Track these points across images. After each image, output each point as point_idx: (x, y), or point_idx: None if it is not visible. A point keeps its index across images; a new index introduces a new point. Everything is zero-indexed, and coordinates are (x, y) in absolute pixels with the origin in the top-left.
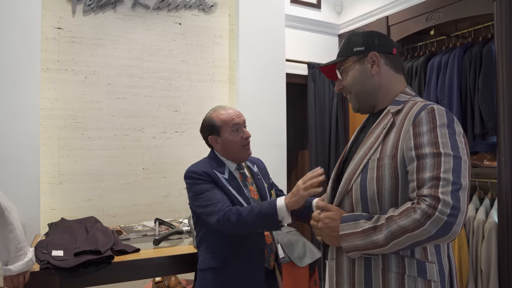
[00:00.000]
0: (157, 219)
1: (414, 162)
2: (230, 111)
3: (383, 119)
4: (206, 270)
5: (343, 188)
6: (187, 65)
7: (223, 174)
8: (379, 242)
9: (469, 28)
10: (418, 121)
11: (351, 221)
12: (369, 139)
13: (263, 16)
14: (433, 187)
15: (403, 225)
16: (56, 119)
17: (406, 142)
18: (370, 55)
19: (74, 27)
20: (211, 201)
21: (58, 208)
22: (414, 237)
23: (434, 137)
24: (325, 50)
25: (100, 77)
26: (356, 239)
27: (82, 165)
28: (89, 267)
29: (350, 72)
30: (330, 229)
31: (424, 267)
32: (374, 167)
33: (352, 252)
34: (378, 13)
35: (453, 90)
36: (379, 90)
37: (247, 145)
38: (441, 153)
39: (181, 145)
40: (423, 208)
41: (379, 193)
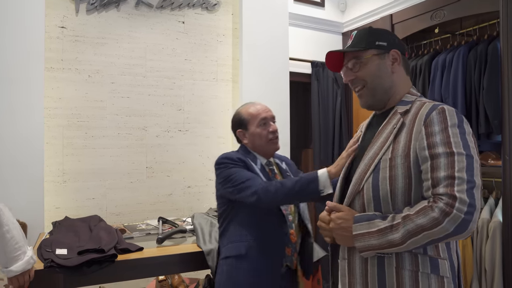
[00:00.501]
0: (160, 218)
1: (428, 161)
2: (258, 106)
3: (392, 119)
4: (227, 258)
5: (354, 188)
6: (190, 64)
7: (255, 164)
8: (395, 241)
9: (474, 26)
10: (429, 121)
11: (365, 221)
12: (378, 139)
13: (267, 14)
14: (449, 185)
15: (421, 223)
16: (60, 118)
17: (419, 142)
18: (392, 53)
19: (77, 26)
20: (247, 178)
21: (62, 206)
22: (431, 235)
23: (446, 136)
24: (328, 48)
25: (103, 76)
26: (372, 239)
27: (86, 164)
28: (93, 265)
29: (368, 65)
30: (343, 229)
31: (437, 263)
32: (386, 167)
33: (367, 251)
34: (382, 11)
35: (457, 88)
36: (393, 89)
37: (274, 139)
38: (454, 152)
39: (185, 144)
40: (440, 207)
41: (392, 192)
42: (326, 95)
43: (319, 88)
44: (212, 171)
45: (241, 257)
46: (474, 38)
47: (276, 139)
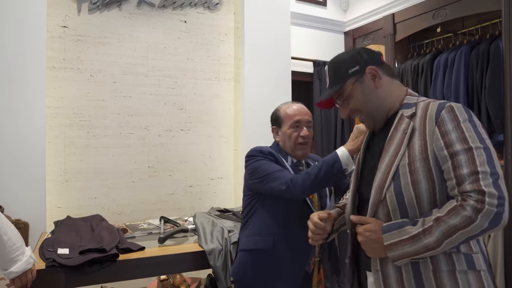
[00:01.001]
0: (162, 217)
1: (449, 160)
2: (297, 107)
3: (399, 124)
4: (248, 251)
5: (376, 198)
6: (192, 63)
7: (286, 161)
8: (431, 244)
9: (476, 25)
10: (441, 120)
11: (395, 230)
12: (391, 146)
13: (269, 13)
14: (475, 181)
15: (454, 223)
16: (62, 117)
17: (435, 142)
18: (368, 71)
19: (79, 26)
20: (276, 169)
21: (64, 206)
22: (467, 233)
23: (461, 132)
24: (330, 47)
25: (105, 75)
26: (405, 246)
27: (88, 163)
28: (94, 265)
29: (354, 95)
30: (373, 241)
31: (471, 259)
32: (407, 172)
33: (401, 259)
34: (384, 10)
35: (459, 88)
36: (386, 101)
37: (303, 144)
38: (472, 147)
39: (187, 143)
40: (472, 204)
41: (417, 197)
42: None
43: (321, 87)
44: (214, 170)
45: (266, 251)
46: (476, 38)
47: (306, 145)
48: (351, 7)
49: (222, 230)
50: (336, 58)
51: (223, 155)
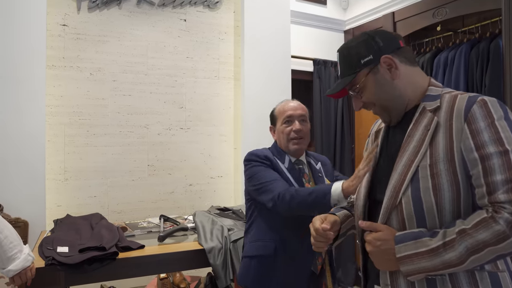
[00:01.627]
0: (162, 216)
1: (479, 164)
2: (290, 103)
3: (421, 118)
4: (251, 258)
5: (390, 202)
6: (192, 62)
7: (282, 162)
8: (452, 261)
9: (476, 24)
10: (471, 117)
11: (410, 240)
12: (410, 143)
13: (269, 12)
14: (510, 190)
15: (483, 238)
16: (62, 116)
17: (463, 142)
18: (383, 61)
19: (79, 24)
20: (267, 180)
21: (64, 204)
22: (497, 251)
23: (495, 132)
24: (330, 46)
25: (105, 74)
26: (422, 261)
27: (88, 162)
28: (94, 263)
29: (368, 87)
30: (384, 252)
31: (497, 278)
32: (427, 176)
33: (416, 275)
34: (384, 9)
35: (459, 86)
36: (406, 92)
37: (296, 139)
38: (508, 151)
39: (186, 142)
40: (506, 217)
41: (438, 204)
42: None
43: (321, 86)
44: (214, 169)
45: (268, 257)
46: (476, 36)
47: (299, 140)
48: (351, 5)
49: (222, 228)
50: (347, 44)
51: (223, 153)
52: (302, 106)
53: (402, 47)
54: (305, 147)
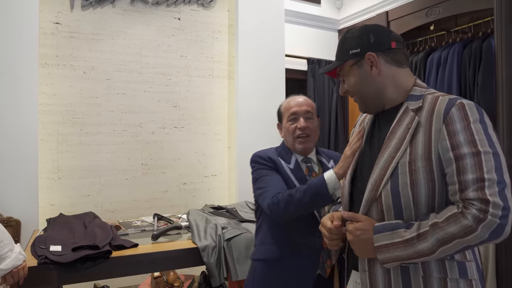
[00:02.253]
0: (155, 215)
1: (453, 163)
2: (296, 99)
3: (404, 117)
4: (258, 261)
5: (370, 195)
6: (186, 61)
7: (288, 163)
8: (424, 251)
9: (469, 23)
10: (450, 118)
11: (387, 231)
12: (391, 140)
13: (263, 11)
14: (479, 189)
15: (452, 231)
16: (55, 114)
17: (441, 142)
18: (367, 57)
19: (72, 22)
20: (266, 185)
21: (57, 203)
22: (464, 243)
23: (470, 134)
24: (324, 45)
25: (98, 72)
26: (397, 250)
27: (81, 160)
28: (87, 262)
29: (350, 77)
30: (363, 241)
31: (464, 267)
32: (406, 172)
33: (391, 263)
34: (378, 8)
35: (452, 85)
36: (385, 90)
37: (301, 137)
38: (480, 152)
39: (180, 141)
40: (473, 213)
41: (415, 198)
42: (322, 92)
43: (315, 85)
44: (208, 167)
45: (274, 261)
46: (469, 35)
47: (305, 137)
48: (345, 5)
49: (215, 227)
50: (347, 33)
51: (217, 152)
52: (308, 102)
53: (392, 49)
54: (312, 145)
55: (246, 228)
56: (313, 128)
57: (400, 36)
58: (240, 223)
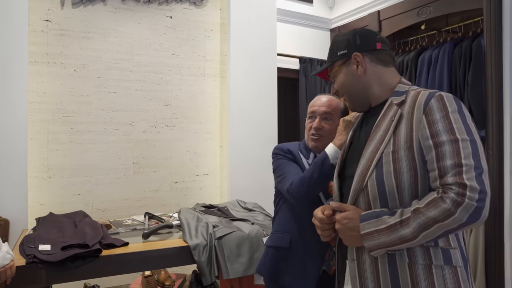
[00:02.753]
0: (147, 213)
1: (433, 151)
2: (322, 99)
3: (388, 111)
4: (269, 248)
5: (357, 185)
6: (178, 59)
7: (306, 158)
8: (407, 236)
9: (459, 23)
10: (429, 109)
11: (372, 219)
12: (377, 133)
13: (255, 10)
14: (457, 174)
15: (432, 216)
16: (45, 113)
17: (421, 131)
18: (353, 57)
19: (62, 20)
20: (285, 172)
21: (47, 202)
22: (444, 227)
23: (448, 123)
24: (317, 44)
25: (89, 70)
26: (382, 236)
27: (72, 159)
28: (77, 261)
29: (339, 76)
30: (350, 229)
31: (449, 254)
32: (390, 161)
33: (377, 250)
34: (369, 7)
35: (443, 84)
36: (370, 88)
37: (314, 136)
38: (458, 139)
39: (172, 139)
40: (452, 197)
41: (398, 186)
42: (314, 91)
43: (307, 84)
44: (199, 166)
45: (284, 250)
46: (459, 35)
47: (317, 137)
48: (337, 4)
49: (207, 225)
50: (336, 37)
51: (209, 151)
52: (330, 103)
53: (378, 49)
54: (324, 145)
55: (237, 227)
56: (328, 129)
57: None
58: (232, 221)
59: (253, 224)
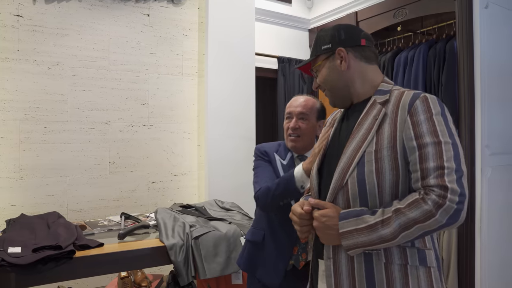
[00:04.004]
0: (123, 214)
1: (416, 152)
2: (298, 99)
3: (371, 109)
4: (247, 241)
5: (337, 183)
6: (155, 58)
7: (283, 158)
8: (387, 236)
9: (434, 25)
10: (414, 110)
11: (352, 217)
12: (359, 131)
13: (233, 9)
14: (439, 176)
15: (413, 217)
16: (16, 111)
17: (405, 131)
18: (337, 52)
19: (35, 15)
20: (257, 178)
21: (19, 204)
22: (424, 227)
23: (432, 125)
24: (295, 44)
25: (64, 68)
26: (361, 236)
27: (45, 159)
28: (49, 263)
29: (322, 71)
30: (328, 227)
31: (424, 255)
32: (372, 160)
33: (355, 249)
34: (347, 8)
35: (418, 84)
36: (353, 84)
37: (292, 136)
38: (441, 142)
39: (149, 139)
40: (433, 199)
41: (379, 186)
42: (292, 90)
43: (285, 84)
44: (177, 166)
45: (257, 244)
46: (434, 37)
47: (295, 137)
48: (316, 5)
49: (183, 225)
50: (321, 31)
51: (187, 151)
52: (306, 103)
53: (362, 46)
54: (302, 144)
55: (214, 226)
56: (305, 129)
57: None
58: (209, 221)
59: (231, 223)
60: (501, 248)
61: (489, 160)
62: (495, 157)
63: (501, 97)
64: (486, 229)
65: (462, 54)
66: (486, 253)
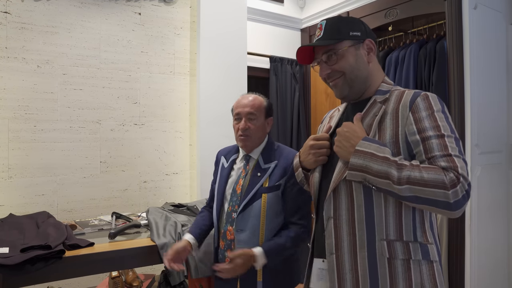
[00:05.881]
0: (114, 213)
1: (420, 145)
2: (243, 99)
3: (371, 108)
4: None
5: (338, 176)
6: (146, 57)
7: (227, 160)
8: (394, 176)
9: (425, 25)
10: (415, 107)
11: (375, 143)
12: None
13: (225, 8)
14: (450, 161)
15: (427, 177)
16: (5, 110)
17: (407, 127)
18: (367, 42)
19: (24, 12)
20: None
21: (7, 204)
22: (430, 194)
23: (433, 120)
24: (287, 44)
25: (54, 66)
26: (372, 161)
27: (35, 158)
28: (38, 263)
29: (346, 57)
30: (347, 138)
31: (427, 249)
32: None
33: (358, 172)
34: (339, 8)
35: (409, 83)
36: (370, 78)
37: (242, 136)
38: (444, 135)
39: (141, 138)
40: (451, 176)
41: None
42: (284, 90)
43: (277, 83)
44: (169, 165)
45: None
46: (424, 37)
47: (244, 138)
48: (308, 4)
49: (175, 224)
50: (337, 17)
51: (178, 150)
52: (253, 103)
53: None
54: (251, 144)
55: None
56: (254, 129)
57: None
58: None
59: None
60: (491, 245)
61: (478, 159)
62: (484, 156)
63: (490, 96)
64: (476, 226)
65: (452, 54)
66: (476, 251)
